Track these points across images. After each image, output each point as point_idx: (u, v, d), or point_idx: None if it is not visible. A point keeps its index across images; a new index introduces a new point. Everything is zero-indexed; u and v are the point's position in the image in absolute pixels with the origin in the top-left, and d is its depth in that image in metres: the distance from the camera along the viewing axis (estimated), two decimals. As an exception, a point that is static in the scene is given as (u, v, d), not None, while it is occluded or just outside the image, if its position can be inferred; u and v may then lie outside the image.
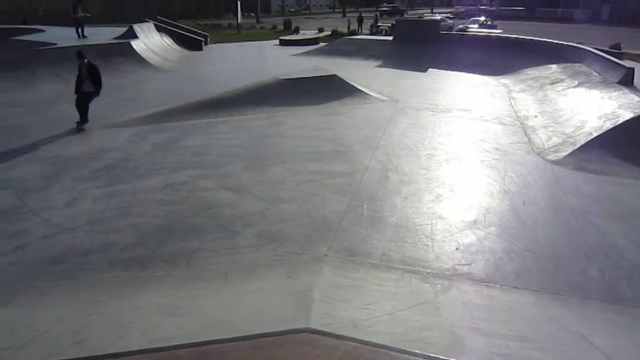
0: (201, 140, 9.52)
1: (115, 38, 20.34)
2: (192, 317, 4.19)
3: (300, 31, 36.54)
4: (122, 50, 18.32)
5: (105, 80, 10.68)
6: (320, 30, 36.41)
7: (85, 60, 10.17)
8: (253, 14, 57.56)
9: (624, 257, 5.59)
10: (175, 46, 24.74)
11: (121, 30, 22.23)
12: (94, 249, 5.54)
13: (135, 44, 19.20)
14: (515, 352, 3.83)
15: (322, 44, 27.06)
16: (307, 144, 9.28)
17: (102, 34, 21.87)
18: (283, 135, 9.90)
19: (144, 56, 19.02)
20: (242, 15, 43.96)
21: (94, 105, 10.58)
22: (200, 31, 29.97)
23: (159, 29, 24.60)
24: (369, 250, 5.55)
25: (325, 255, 5.42)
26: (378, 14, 41.24)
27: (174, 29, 26.38)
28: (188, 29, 28.71)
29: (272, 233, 5.92)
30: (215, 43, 29.49)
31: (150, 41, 21.60)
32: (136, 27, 21.29)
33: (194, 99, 12.18)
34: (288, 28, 40.09)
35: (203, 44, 26.71)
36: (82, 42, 18.95)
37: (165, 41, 24.22)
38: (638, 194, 7.38)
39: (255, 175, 7.71)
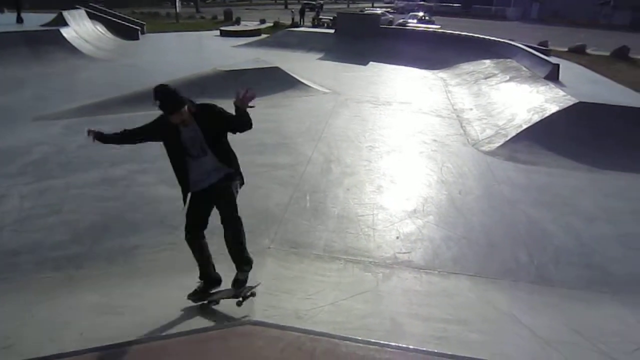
0: (139, 133, 9.20)
1: (43, 25, 19.18)
2: (132, 315, 4.07)
3: (242, 22, 35.95)
4: (52, 38, 17.31)
5: (34, 70, 9.91)
6: (262, 21, 36.00)
7: (185, 108, 3.50)
8: (192, 3, 55.98)
9: (551, 242, 5.97)
10: (110, 35, 23.67)
11: (50, 16, 20.97)
12: (22, 249, 5.23)
13: (66, 32, 18.20)
14: (452, 334, 4.01)
15: (264, 36, 26.79)
16: (249, 136, 9.01)
17: (29, 21, 20.55)
18: (225, 127, 9.72)
19: (75, 45, 18.07)
20: (181, 4, 42.68)
21: (19, 97, 9.67)
22: (136, 20, 28.83)
23: (91, 16, 23.43)
24: (312, 242, 5.60)
25: (269, 247, 5.42)
26: (304, 7, 40.93)
27: (108, 17, 25.22)
28: (123, 17, 27.56)
29: (213, 227, 5.79)
30: (152, 32, 28.46)
31: (81, 29, 20.54)
32: (66, 14, 20.19)
33: (130, 90, 11.69)
34: (229, 18, 39.26)
35: (139, 33, 25.73)
36: (4, 28, 17.72)
37: (99, 29, 23.13)
38: (564, 182, 7.88)
39: (197, 169, 7.55)
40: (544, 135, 9.34)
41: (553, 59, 14.41)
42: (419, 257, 5.45)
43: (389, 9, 56.40)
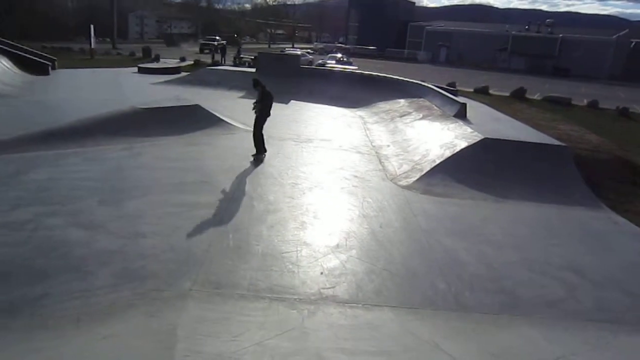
0: (48, 174, 8.61)
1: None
2: (36, 372, 3.72)
3: (161, 59, 35.38)
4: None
5: None
6: (183, 59, 35.66)
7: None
8: (109, 39, 54.29)
9: (465, 270, 6.30)
10: (16, 69, 22.24)
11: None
12: None
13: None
14: (377, 367, 4.07)
15: (184, 74, 26.48)
16: (169, 175, 8.93)
17: None
18: (142, 166, 9.41)
19: (-26, 79, 16.78)
20: (97, 39, 41.18)
21: None
22: (46, 54, 27.43)
23: (-5, 50, 22.01)
24: (236, 281, 5.48)
25: (190, 289, 5.23)
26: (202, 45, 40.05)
27: (14, 50, 23.78)
28: (32, 51, 26.10)
29: (131, 271, 5.54)
30: (64, 68, 27.17)
31: (-18, 63, 19.17)
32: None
33: (38, 128, 11.00)
34: (147, 55, 38.45)
35: (50, 68, 24.44)
36: None
37: (3, 64, 21.70)
38: (474, 212, 8.42)
39: (112, 210, 7.18)
40: (455, 169, 9.96)
41: (461, 99, 15.56)
42: (343, 292, 5.51)
43: (308, 50, 58.30)
